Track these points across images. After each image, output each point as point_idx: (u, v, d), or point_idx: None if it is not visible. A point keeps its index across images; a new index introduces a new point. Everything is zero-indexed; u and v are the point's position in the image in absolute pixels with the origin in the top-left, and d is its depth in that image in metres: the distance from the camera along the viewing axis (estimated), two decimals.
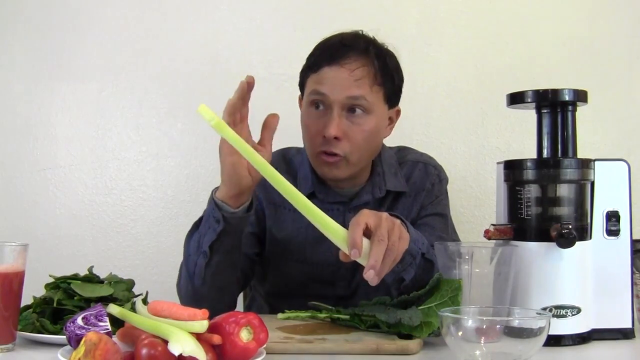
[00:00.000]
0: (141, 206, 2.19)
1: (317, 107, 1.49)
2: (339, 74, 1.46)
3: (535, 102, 1.32)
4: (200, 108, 1.12)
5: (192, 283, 1.40)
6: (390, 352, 1.15)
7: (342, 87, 1.46)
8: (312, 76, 1.51)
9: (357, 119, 1.48)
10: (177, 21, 2.20)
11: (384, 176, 1.58)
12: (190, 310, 1.04)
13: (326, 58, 1.48)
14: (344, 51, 1.48)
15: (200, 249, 1.37)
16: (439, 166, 1.67)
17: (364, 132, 1.48)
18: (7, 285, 1.15)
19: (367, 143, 1.50)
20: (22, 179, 2.20)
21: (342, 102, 1.46)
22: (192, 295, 1.42)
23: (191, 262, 1.40)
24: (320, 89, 1.47)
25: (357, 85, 1.46)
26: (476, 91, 2.14)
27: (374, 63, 1.49)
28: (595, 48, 2.14)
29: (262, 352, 1.06)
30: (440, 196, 1.63)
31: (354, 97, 1.46)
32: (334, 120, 1.45)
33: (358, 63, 1.47)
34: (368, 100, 1.47)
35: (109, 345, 0.96)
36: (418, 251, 1.32)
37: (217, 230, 1.33)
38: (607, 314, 1.27)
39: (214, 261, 1.37)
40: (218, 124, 1.12)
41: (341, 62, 1.47)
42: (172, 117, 2.19)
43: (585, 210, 1.28)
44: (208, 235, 1.35)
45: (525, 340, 1.03)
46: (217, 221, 1.33)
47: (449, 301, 1.20)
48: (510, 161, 1.31)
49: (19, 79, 2.21)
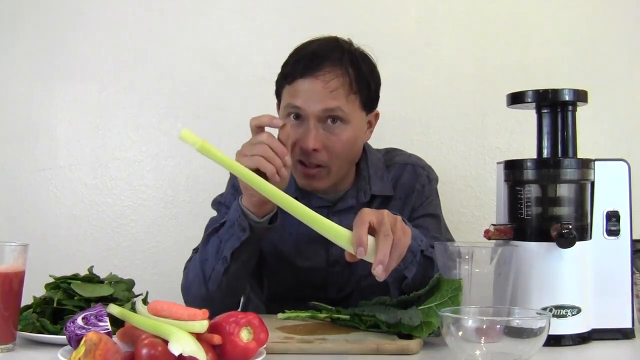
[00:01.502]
0: (141, 206, 2.19)
1: (295, 118, 1.48)
2: (313, 86, 1.45)
3: (535, 102, 1.32)
4: (183, 133, 1.13)
5: (206, 287, 1.41)
6: (390, 352, 1.15)
7: (317, 100, 1.44)
8: (287, 88, 1.49)
9: (335, 129, 1.47)
10: (177, 21, 2.20)
11: (370, 180, 1.57)
12: (190, 310, 1.04)
13: (300, 70, 1.47)
14: (317, 62, 1.46)
15: (220, 254, 1.37)
16: (428, 166, 1.66)
17: (342, 142, 1.48)
18: (7, 285, 1.15)
19: (347, 152, 1.50)
20: (22, 179, 2.19)
21: (318, 115, 1.45)
22: (204, 298, 1.42)
23: (208, 266, 1.40)
24: (295, 102, 1.46)
25: (332, 97, 1.45)
26: (476, 91, 2.14)
27: (349, 72, 1.47)
28: (595, 48, 2.14)
29: (262, 352, 1.06)
30: (430, 196, 1.62)
31: (330, 109, 1.45)
32: (311, 133, 1.44)
33: (332, 74, 1.45)
34: (344, 110, 1.46)
35: (109, 345, 0.96)
36: (418, 248, 1.33)
37: (242, 239, 1.35)
38: (607, 314, 1.27)
39: (232, 268, 1.38)
40: (202, 146, 1.14)
41: (315, 74, 1.45)
42: (172, 117, 2.19)
43: (585, 210, 1.28)
44: (231, 242, 1.36)
45: (525, 340, 1.03)
46: (243, 230, 1.34)
47: (449, 301, 1.20)
48: (510, 161, 1.31)
49: (19, 79, 2.21)
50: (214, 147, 1.14)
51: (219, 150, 1.15)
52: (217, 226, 1.41)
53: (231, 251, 1.36)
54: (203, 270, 1.42)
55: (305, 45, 1.53)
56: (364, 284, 1.55)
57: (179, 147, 2.18)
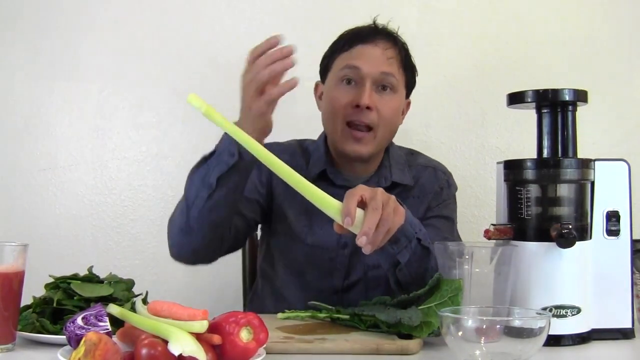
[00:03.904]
0: (141, 206, 2.19)
1: (348, 82, 1.55)
2: (372, 50, 1.56)
3: (535, 102, 1.32)
4: (190, 97, 1.18)
5: (188, 214, 1.40)
6: (390, 352, 1.15)
7: (375, 63, 1.54)
8: (343, 55, 1.58)
9: (385, 95, 1.56)
10: (177, 21, 2.20)
11: (391, 169, 1.62)
12: (190, 310, 1.04)
13: (359, 38, 1.57)
14: (376, 32, 1.59)
15: (207, 179, 1.37)
16: (449, 173, 1.70)
17: (391, 109, 1.56)
18: (7, 285, 1.15)
19: (392, 120, 1.58)
20: (22, 179, 2.20)
21: (374, 77, 1.54)
22: (183, 227, 1.42)
23: (193, 192, 1.40)
24: (354, 63, 1.54)
25: (389, 64, 1.55)
26: (476, 91, 2.14)
27: (400, 49, 1.59)
28: (595, 48, 2.14)
29: (262, 352, 1.06)
30: (447, 200, 1.65)
31: (386, 72, 1.55)
32: (367, 91, 1.52)
33: (389, 44, 1.58)
34: (397, 78, 1.56)
35: (109, 345, 0.96)
36: (413, 235, 1.33)
37: (230, 164, 1.35)
38: (607, 314, 1.27)
39: (216, 195, 1.37)
40: (207, 110, 1.18)
41: (375, 41, 1.57)
42: (172, 117, 2.19)
43: (585, 210, 1.28)
44: (218, 167, 1.36)
45: (525, 340, 1.03)
46: (232, 155, 1.35)
47: (449, 301, 1.20)
48: (510, 161, 1.31)
49: (19, 79, 2.21)
50: (218, 113, 1.19)
51: (223, 116, 1.20)
52: (206, 156, 1.41)
53: (217, 176, 1.36)
54: (187, 198, 1.41)
55: (352, 28, 1.63)
56: (370, 275, 1.57)
57: (179, 147, 2.18)
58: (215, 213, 1.40)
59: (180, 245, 1.47)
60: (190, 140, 2.19)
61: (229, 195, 1.39)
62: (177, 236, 1.45)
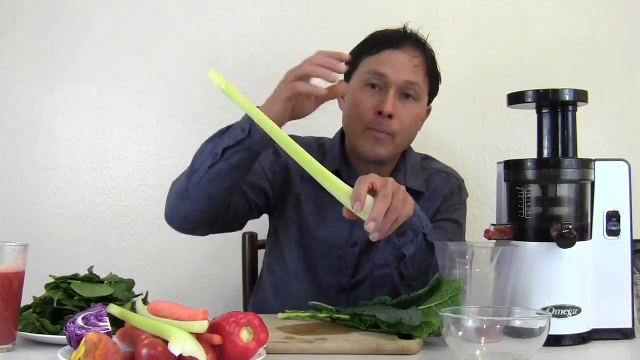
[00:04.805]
0: (141, 206, 2.19)
1: (372, 87, 1.55)
2: (400, 57, 1.56)
3: (535, 102, 1.32)
4: (211, 73, 1.22)
5: (189, 179, 1.42)
6: (390, 352, 1.15)
7: (401, 70, 1.55)
8: (370, 58, 1.58)
9: (407, 103, 1.56)
10: (177, 21, 2.20)
11: (405, 174, 1.62)
12: (190, 310, 1.04)
13: (388, 43, 1.57)
14: (404, 38, 1.59)
15: (214, 150, 1.39)
16: (462, 179, 1.71)
17: (412, 117, 1.57)
18: (7, 285, 1.15)
19: (411, 128, 1.59)
20: (22, 179, 2.19)
21: (399, 84, 1.54)
22: (181, 191, 1.44)
23: (198, 160, 1.42)
24: (379, 69, 1.55)
25: (415, 72, 1.56)
26: (476, 91, 2.14)
27: (427, 57, 1.60)
28: (595, 48, 2.14)
29: (262, 352, 1.06)
30: (457, 205, 1.66)
31: (411, 81, 1.55)
32: (390, 99, 1.53)
33: (417, 52, 1.58)
34: (421, 87, 1.57)
35: (109, 345, 0.96)
36: (420, 229, 1.35)
37: (238, 138, 1.36)
38: (607, 314, 1.27)
39: (218, 166, 1.38)
40: (227, 87, 1.21)
41: (403, 48, 1.57)
42: (172, 117, 2.19)
43: (585, 210, 1.28)
44: (227, 140, 1.38)
45: (526, 340, 1.03)
46: (243, 130, 1.36)
47: (449, 301, 1.20)
48: (510, 161, 1.31)
49: (19, 79, 2.21)
50: (238, 91, 1.22)
51: (242, 94, 1.22)
52: (222, 129, 1.43)
53: (223, 147, 1.37)
54: (192, 164, 1.43)
55: (382, 30, 1.63)
56: (376, 274, 1.58)
57: (179, 147, 2.18)
58: (214, 185, 1.41)
59: (175, 208, 1.48)
60: (190, 140, 2.18)
61: (231, 171, 1.40)
62: (174, 199, 1.48)
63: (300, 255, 1.62)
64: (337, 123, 1.68)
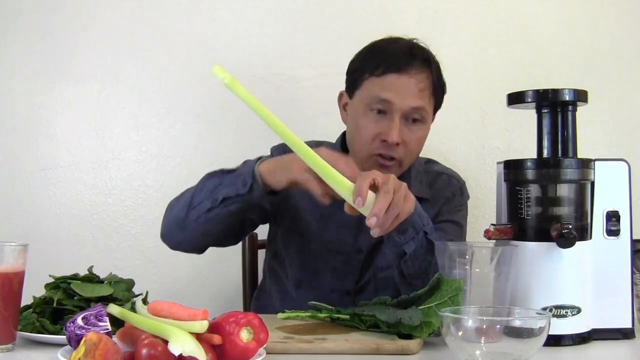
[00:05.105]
0: (141, 206, 2.19)
1: (377, 112, 1.51)
2: (405, 82, 1.50)
3: (535, 102, 1.32)
4: (215, 68, 1.21)
5: (187, 213, 1.44)
6: (390, 352, 1.15)
7: (407, 97, 1.50)
8: (374, 80, 1.52)
9: (413, 127, 1.53)
10: (177, 21, 2.20)
11: (410, 182, 1.60)
12: (190, 310, 1.04)
13: (393, 65, 1.50)
14: (411, 60, 1.51)
15: (214, 193, 1.40)
16: (463, 181, 1.71)
17: (417, 140, 1.55)
18: (7, 285, 1.15)
19: (418, 150, 1.58)
20: (22, 179, 2.19)
21: (404, 111, 1.50)
22: (178, 221, 1.47)
23: (199, 196, 1.44)
24: (385, 95, 1.50)
25: (420, 97, 1.51)
26: (476, 91, 2.14)
27: (433, 75, 1.54)
28: (595, 48, 2.14)
29: (262, 352, 1.06)
30: (459, 207, 1.67)
31: (417, 107, 1.51)
32: (396, 127, 1.49)
33: (423, 75, 1.52)
34: (427, 111, 1.53)
35: (109, 345, 0.96)
36: (421, 227, 1.35)
37: (239, 192, 1.37)
38: (607, 314, 1.27)
39: (216, 211, 1.40)
40: (231, 82, 1.21)
41: (409, 71, 1.50)
42: (172, 117, 2.19)
43: (585, 210, 1.28)
44: (228, 189, 1.39)
45: (525, 340, 1.03)
46: (244, 185, 1.37)
47: (449, 301, 1.19)
48: (510, 161, 1.31)
49: (19, 79, 2.21)
50: (242, 86, 1.22)
51: (246, 90, 1.22)
52: (229, 170, 1.43)
53: (224, 196, 1.39)
54: (192, 197, 1.45)
55: (390, 42, 1.57)
56: (380, 276, 1.58)
57: (179, 147, 2.18)
58: (211, 226, 1.44)
59: (170, 234, 1.52)
60: (190, 140, 2.19)
61: (229, 217, 1.43)
62: (170, 226, 1.50)
63: (302, 263, 1.62)
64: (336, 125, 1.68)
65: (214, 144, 2.17)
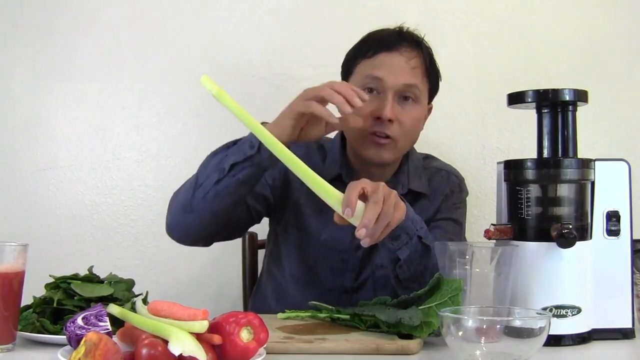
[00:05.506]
0: (141, 206, 2.19)
1: (370, 91, 1.52)
2: (396, 60, 1.53)
3: (535, 102, 1.32)
4: (203, 78, 1.21)
5: (193, 194, 1.41)
6: (390, 352, 1.15)
7: (399, 74, 1.52)
8: (366, 62, 1.55)
9: (406, 106, 1.54)
10: (177, 21, 2.20)
11: (409, 176, 1.61)
12: (190, 310, 1.04)
13: (384, 45, 1.54)
14: (401, 40, 1.55)
15: (221, 165, 1.38)
16: (462, 178, 1.71)
17: (411, 119, 1.54)
18: (7, 285, 1.15)
19: (413, 130, 1.57)
20: (22, 179, 2.19)
21: (397, 88, 1.52)
22: (184, 205, 1.42)
23: (204, 174, 1.41)
24: (376, 73, 1.52)
25: (412, 74, 1.53)
26: (476, 91, 2.14)
27: (425, 56, 1.57)
28: (595, 48, 2.14)
29: (262, 352, 1.06)
30: (457, 204, 1.66)
31: (409, 84, 1.53)
32: (389, 104, 1.50)
33: (414, 53, 1.54)
34: (419, 89, 1.54)
35: (109, 345, 0.96)
36: (415, 232, 1.35)
37: (247, 154, 1.35)
38: (607, 314, 1.27)
39: (225, 181, 1.37)
40: (218, 92, 1.20)
41: (399, 49, 1.53)
42: (172, 117, 2.19)
43: (585, 210, 1.28)
44: (235, 156, 1.37)
45: (526, 340, 1.03)
46: (252, 146, 1.35)
47: (449, 301, 1.19)
48: (510, 161, 1.31)
49: (19, 79, 2.21)
50: (229, 97, 1.21)
51: (233, 100, 1.21)
52: (232, 142, 1.42)
53: (232, 162, 1.36)
54: (197, 178, 1.42)
55: (381, 30, 1.60)
56: (377, 274, 1.58)
57: (179, 147, 2.18)
58: (220, 200, 1.40)
59: (177, 221, 1.47)
60: (190, 140, 2.19)
61: (238, 187, 1.39)
62: (176, 212, 1.46)
63: (300, 259, 1.62)
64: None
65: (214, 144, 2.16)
